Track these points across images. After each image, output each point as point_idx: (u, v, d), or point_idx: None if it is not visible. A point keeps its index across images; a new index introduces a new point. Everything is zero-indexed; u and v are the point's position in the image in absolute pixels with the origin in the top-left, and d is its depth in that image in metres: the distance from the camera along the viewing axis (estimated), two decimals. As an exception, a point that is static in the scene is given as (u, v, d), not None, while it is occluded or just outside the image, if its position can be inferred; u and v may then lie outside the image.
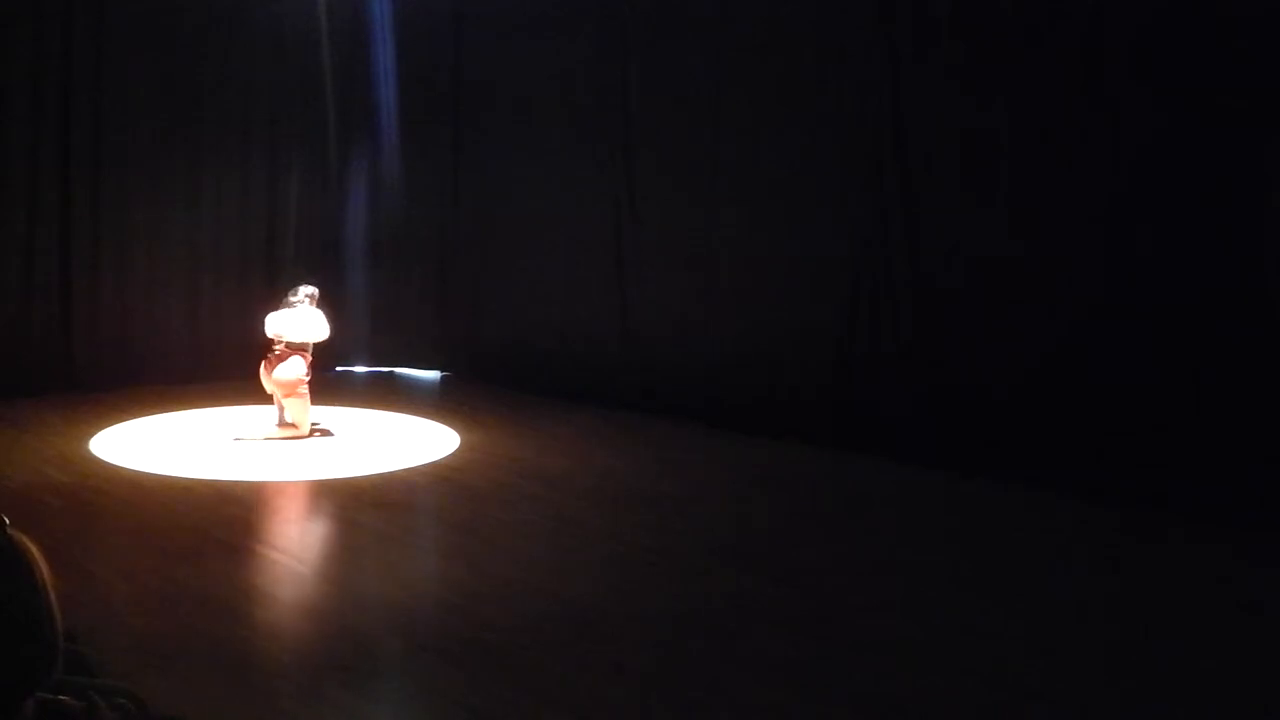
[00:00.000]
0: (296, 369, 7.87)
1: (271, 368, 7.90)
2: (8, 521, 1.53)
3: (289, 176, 10.62)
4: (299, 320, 8.00)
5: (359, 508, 6.39)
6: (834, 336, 7.94)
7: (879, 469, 7.41)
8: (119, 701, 1.71)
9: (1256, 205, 6.10)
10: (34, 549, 1.53)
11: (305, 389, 7.92)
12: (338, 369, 10.71)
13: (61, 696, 1.59)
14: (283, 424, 7.95)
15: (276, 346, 7.92)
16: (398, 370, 11.11)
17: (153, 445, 7.67)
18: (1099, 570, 5.55)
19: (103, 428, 8.09)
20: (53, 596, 1.52)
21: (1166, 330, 6.41)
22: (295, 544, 6.04)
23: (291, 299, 8.09)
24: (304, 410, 7.93)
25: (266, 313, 8.18)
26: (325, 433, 8.09)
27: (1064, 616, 4.84)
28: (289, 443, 7.83)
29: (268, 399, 8.08)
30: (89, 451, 7.44)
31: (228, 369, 9.35)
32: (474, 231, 10.61)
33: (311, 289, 8.17)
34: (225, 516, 6.16)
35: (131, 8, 9.52)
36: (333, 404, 8.99)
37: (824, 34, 7.95)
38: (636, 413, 8.88)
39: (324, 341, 8.20)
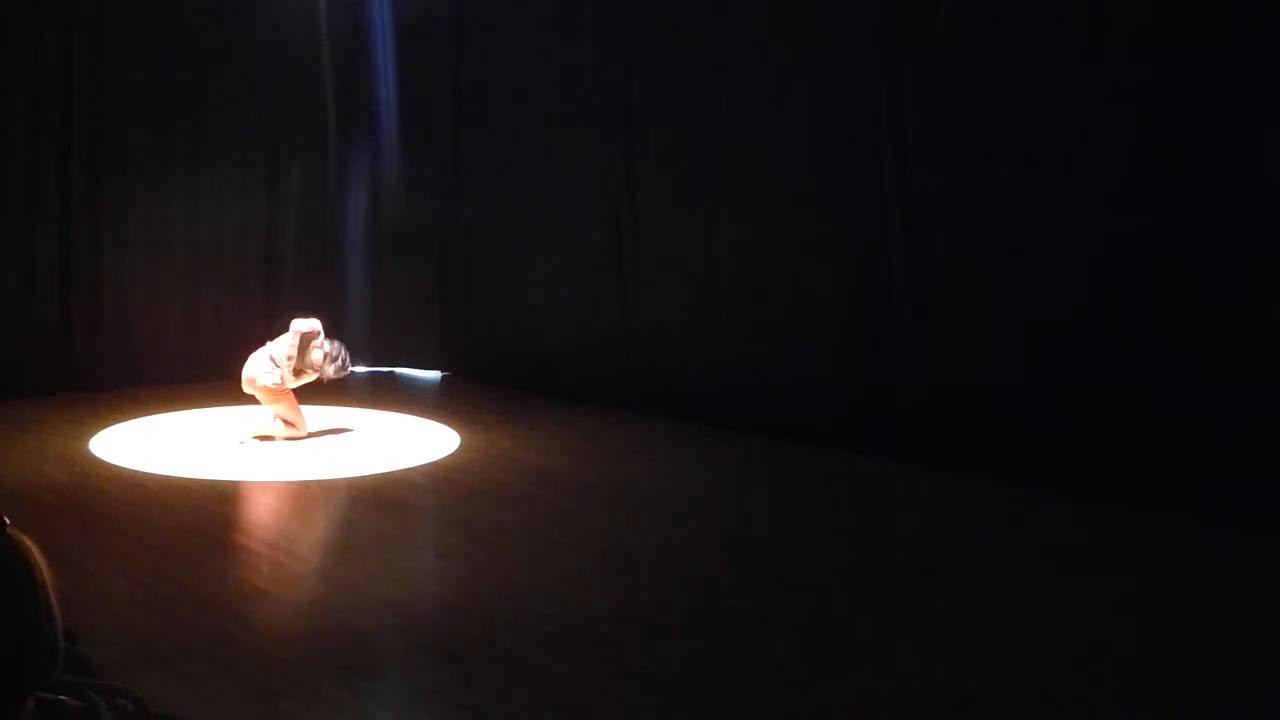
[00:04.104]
0: (268, 376, 7.86)
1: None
2: (7, 521, 1.53)
3: (289, 176, 10.60)
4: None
5: (359, 508, 6.40)
6: (834, 336, 7.94)
7: (879, 469, 7.41)
8: (119, 701, 1.70)
9: (1257, 199, 6.11)
10: (33, 548, 1.53)
11: (283, 389, 7.90)
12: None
13: (61, 696, 1.59)
14: (279, 424, 7.95)
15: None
16: (398, 370, 11.11)
17: (152, 445, 7.67)
18: (1100, 570, 5.55)
19: (103, 428, 8.08)
20: (52, 596, 1.52)
21: (1168, 328, 6.41)
22: (295, 544, 6.03)
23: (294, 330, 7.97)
24: (293, 410, 7.92)
25: (265, 313, 8.15)
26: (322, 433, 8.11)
27: (1064, 616, 4.84)
28: (289, 443, 7.83)
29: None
30: (89, 451, 7.43)
31: (228, 369, 9.33)
32: (474, 232, 10.59)
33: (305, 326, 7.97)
34: (225, 516, 6.17)
35: (132, 8, 9.52)
36: (333, 404, 8.99)
37: (824, 34, 7.94)
38: (636, 413, 8.88)
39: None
